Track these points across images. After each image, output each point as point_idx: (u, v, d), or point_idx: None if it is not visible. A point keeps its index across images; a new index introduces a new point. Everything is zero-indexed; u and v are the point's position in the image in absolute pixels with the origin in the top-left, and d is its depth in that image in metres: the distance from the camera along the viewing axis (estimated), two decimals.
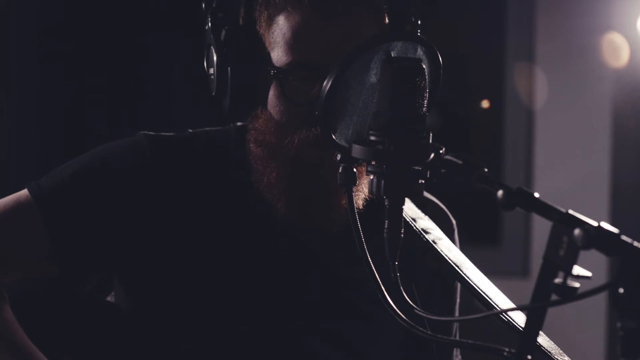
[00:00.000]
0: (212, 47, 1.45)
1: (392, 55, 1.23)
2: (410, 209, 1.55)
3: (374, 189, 1.19)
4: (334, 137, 1.25)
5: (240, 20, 1.48)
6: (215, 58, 1.44)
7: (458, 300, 1.65)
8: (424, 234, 1.52)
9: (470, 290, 1.44)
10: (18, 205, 1.49)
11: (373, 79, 1.23)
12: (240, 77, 1.44)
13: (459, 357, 1.66)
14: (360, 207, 1.45)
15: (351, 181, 1.27)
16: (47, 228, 1.47)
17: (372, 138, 1.19)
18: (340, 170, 1.27)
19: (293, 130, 1.43)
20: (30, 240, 1.48)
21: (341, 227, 1.50)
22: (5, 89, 3.47)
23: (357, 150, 1.21)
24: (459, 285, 1.63)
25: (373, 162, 1.20)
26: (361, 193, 1.45)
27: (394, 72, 1.19)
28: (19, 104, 3.52)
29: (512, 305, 1.40)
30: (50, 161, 1.63)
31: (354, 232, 1.24)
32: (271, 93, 1.45)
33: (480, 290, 1.43)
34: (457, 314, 1.65)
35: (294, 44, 1.42)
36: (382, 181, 1.18)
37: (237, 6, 1.48)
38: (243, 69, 1.44)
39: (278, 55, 1.43)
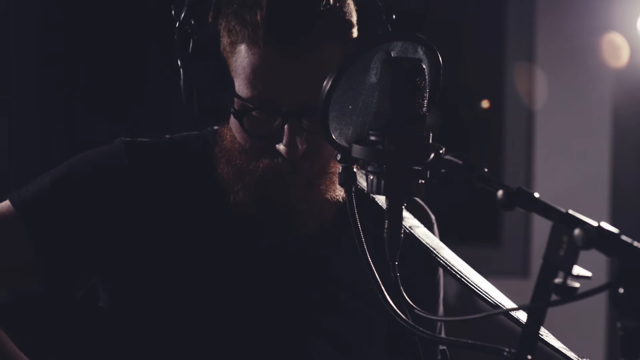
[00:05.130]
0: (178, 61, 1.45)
1: (392, 55, 1.23)
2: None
3: (374, 189, 1.19)
4: (333, 137, 1.25)
5: (209, 31, 1.46)
6: (181, 72, 1.44)
7: (442, 294, 1.65)
8: None
9: (450, 273, 1.43)
10: (1, 217, 1.50)
11: (373, 79, 1.23)
12: (205, 95, 1.44)
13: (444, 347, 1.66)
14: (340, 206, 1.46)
15: (351, 181, 1.27)
16: (31, 237, 1.48)
17: (372, 138, 1.19)
18: (340, 170, 1.27)
19: (256, 157, 1.44)
20: (15, 251, 1.49)
21: (313, 232, 1.50)
22: (5, 89, 3.47)
23: (357, 150, 1.21)
24: (441, 279, 1.64)
25: (373, 162, 1.20)
26: (340, 192, 1.46)
27: (394, 72, 1.19)
28: (19, 104, 3.52)
29: (496, 291, 1.41)
30: (50, 161, 1.63)
31: (354, 233, 1.24)
32: (233, 119, 1.45)
33: (459, 272, 1.42)
34: (441, 308, 1.66)
35: (254, 80, 1.41)
36: (382, 181, 1.18)
37: (206, 19, 1.45)
38: (207, 87, 1.43)
39: (239, 86, 1.42)
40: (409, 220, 1.53)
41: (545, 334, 1.33)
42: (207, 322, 1.48)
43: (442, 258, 1.45)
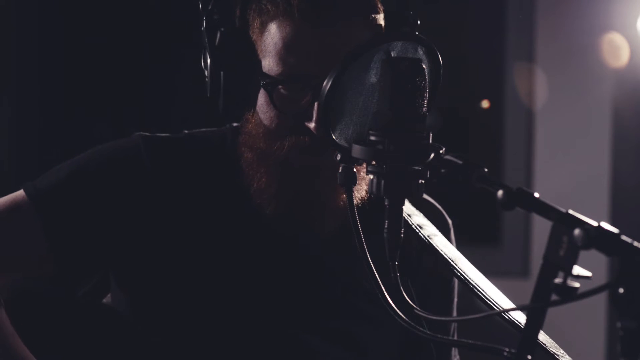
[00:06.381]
0: (206, 49, 1.45)
1: (392, 55, 1.23)
2: (405, 206, 1.55)
3: (374, 189, 1.19)
4: (333, 137, 1.25)
5: (236, 21, 1.47)
6: (208, 61, 1.44)
7: (456, 299, 1.65)
8: (419, 229, 1.52)
9: (466, 286, 1.44)
10: (14, 206, 1.49)
11: (373, 79, 1.23)
12: (232, 82, 1.44)
13: (457, 357, 1.66)
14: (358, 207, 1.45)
15: (351, 181, 1.27)
16: (44, 229, 1.47)
17: (372, 138, 1.19)
18: (340, 170, 1.27)
19: (282, 138, 1.44)
20: (27, 241, 1.48)
21: (332, 230, 1.50)
22: (5, 89, 3.47)
23: (357, 150, 1.21)
24: (456, 284, 1.64)
25: (373, 162, 1.20)
26: (358, 194, 1.45)
27: (394, 72, 1.19)
28: (19, 104, 3.52)
29: (510, 302, 1.41)
30: (51, 161, 1.63)
31: (354, 233, 1.24)
32: (261, 100, 1.45)
33: (476, 285, 1.42)
34: (454, 313, 1.65)
35: (285, 55, 1.41)
36: (382, 181, 1.18)
37: (233, 8, 1.47)
38: (235, 73, 1.44)
39: (269, 64, 1.43)
40: (428, 228, 1.53)
41: (561, 354, 1.33)
42: (219, 320, 1.48)
43: (459, 270, 1.45)
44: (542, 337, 1.34)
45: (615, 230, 0.99)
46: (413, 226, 1.51)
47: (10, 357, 1.40)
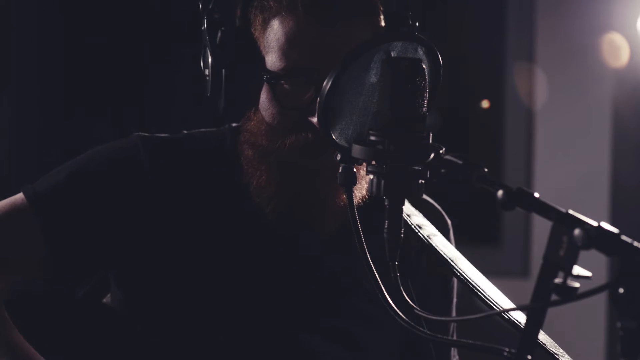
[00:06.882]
0: (207, 48, 1.45)
1: (392, 55, 1.23)
2: (404, 206, 1.55)
3: (374, 189, 1.19)
4: (333, 137, 1.25)
5: (237, 20, 1.47)
6: (210, 59, 1.44)
7: (455, 299, 1.65)
8: (418, 229, 1.52)
9: (466, 286, 1.44)
10: (14, 209, 1.49)
11: (373, 79, 1.23)
12: (234, 79, 1.44)
13: (457, 357, 1.66)
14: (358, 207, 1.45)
15: (351, 181, 1.27)
16: (43, 231, 1.47)
17: (372, 138, 1.19)
18: (340, 170, 1.27)
19: (284, 135, 1.43)
20: (27, 244, 1.48)
21: (333, 230, 1.50)
22: (6, 89, 3.47)
23: (357, 150, 1.21)
24: (455, 284, 1.64)
25: (373, 162, 1.20)
26: (358, 193, 1.45)
27: (394, 72, 1.19)
28: (19, 104, 3.52)
29: (510, 303, 1.41)
30: (50, 161, 1.63)
31: (354, 232, 1.24)
32: (263, 96, 1.45)
33: (476, 285, 1.43)
34: (454, 313, 1.65)
35: (288, 49, 1.41)
36: (382, 181, 1.18)
37: (234, 7, 1.47)
38: (237, 71, 1.44)
39: (272, 60, 1.43)
40: (427, 228, 1.53)
41: (561, 354, 1.33)
42: (218, 319, 1.48)
43: (459, 270, 1.45)
44: (542, 337, 1.34)
45: (615, 230, 0.99)
46: (412, 226, 1.51)
47: (15, 354, 1.40)
